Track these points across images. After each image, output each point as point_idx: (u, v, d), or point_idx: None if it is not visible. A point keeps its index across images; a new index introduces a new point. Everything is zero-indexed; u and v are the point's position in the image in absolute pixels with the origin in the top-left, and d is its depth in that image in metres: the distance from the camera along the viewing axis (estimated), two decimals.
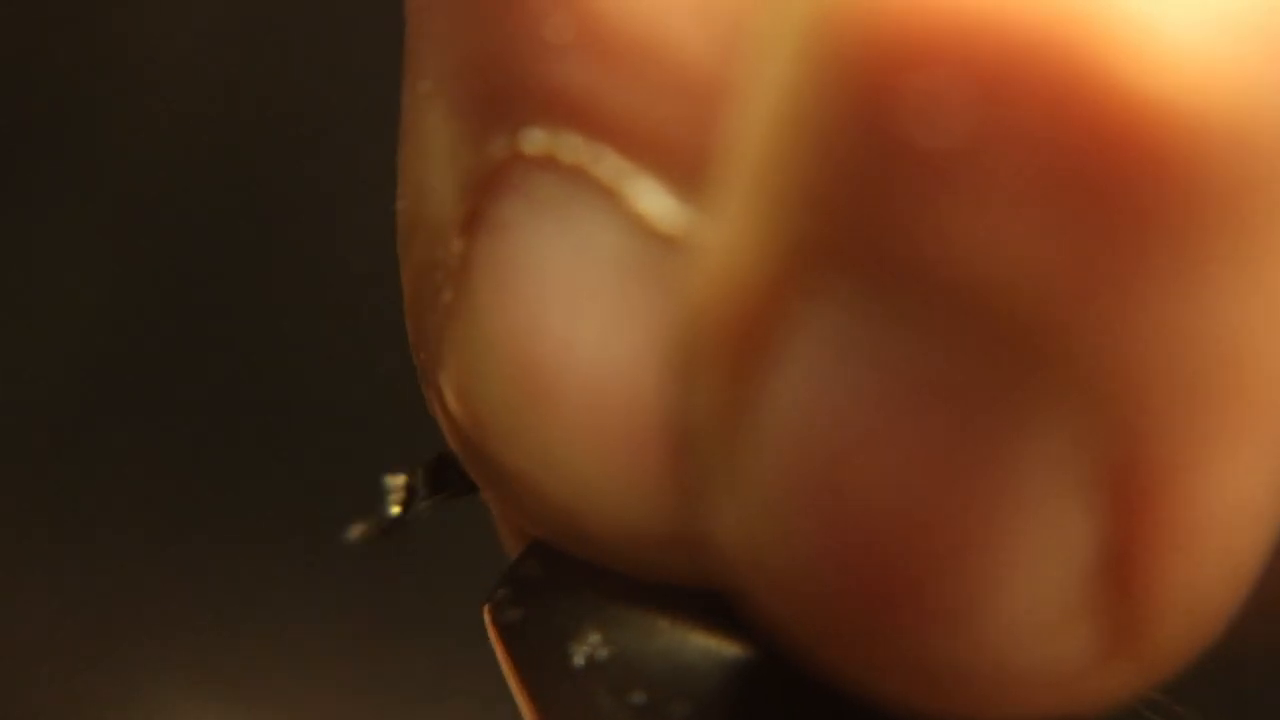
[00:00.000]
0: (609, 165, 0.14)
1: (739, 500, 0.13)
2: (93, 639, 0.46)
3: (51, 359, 0.47)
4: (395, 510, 0.18)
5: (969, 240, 0.12)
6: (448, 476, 0.17)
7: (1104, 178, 0.12)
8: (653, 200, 0.14)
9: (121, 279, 0.47)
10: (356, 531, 0.18)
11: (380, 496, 0.18)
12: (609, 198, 0.14)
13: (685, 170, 0.14)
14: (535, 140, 0.14)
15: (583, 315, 0.14)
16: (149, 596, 0.46)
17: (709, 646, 0.15)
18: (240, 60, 0.47)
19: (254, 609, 0.46)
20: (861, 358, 0.13)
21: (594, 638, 0.15)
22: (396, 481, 0.18)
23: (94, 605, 0.46)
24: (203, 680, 0.45)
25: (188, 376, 0.47)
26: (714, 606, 0.15)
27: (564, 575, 0.15)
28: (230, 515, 0.46)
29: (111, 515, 0.46)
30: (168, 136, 0.47)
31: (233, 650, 0.46)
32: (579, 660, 0.15)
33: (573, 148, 0.14)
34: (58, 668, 0.45)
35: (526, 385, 0.15)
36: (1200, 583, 0.13)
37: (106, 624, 0.46)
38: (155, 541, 0.46)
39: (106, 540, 0.46)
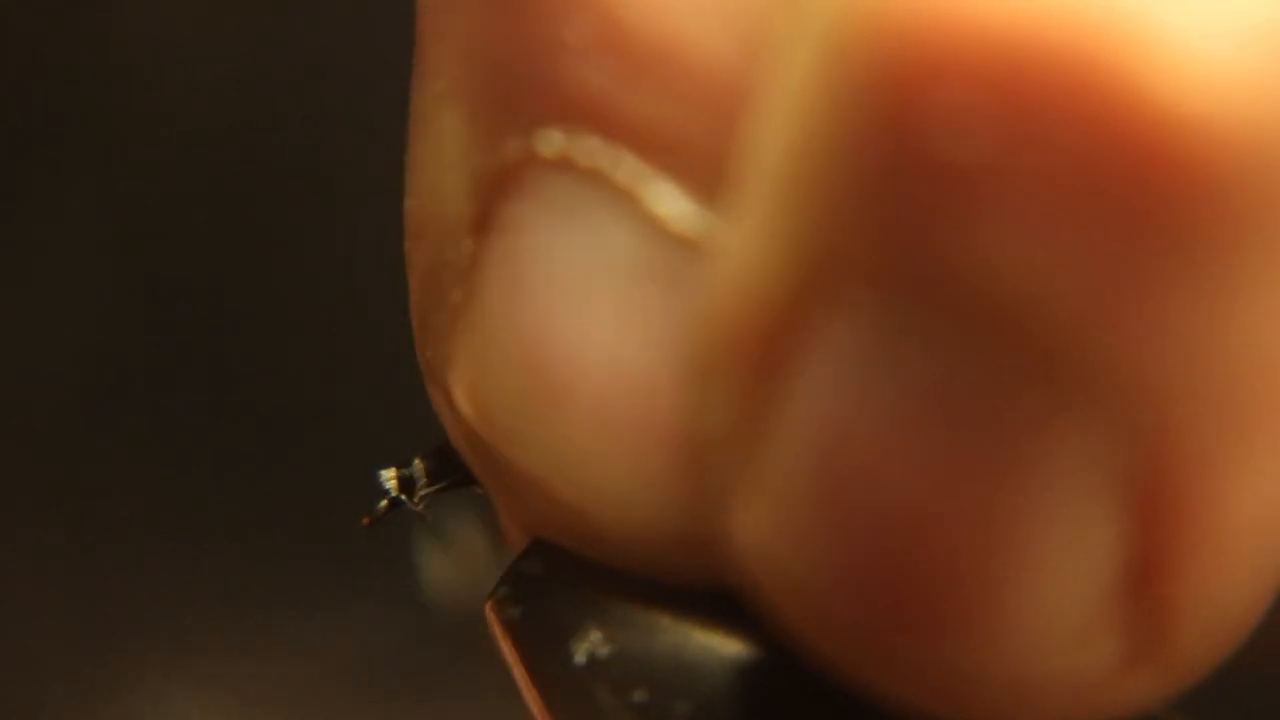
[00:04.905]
0: (627, 168, 0.14)
1: (757, 507, 0.13)
2: (93, 638, 0.46)
3: (53, 358, 0.47)
4: (391, 497, 0.18)
5: (993, 253, 0.12)
6: (448, 467, 0.17)
7: (1129, 191, 0.12)
8: (670, 203, 0.14)
9: (125, 278, 0.47)
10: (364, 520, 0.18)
11: (377, 489, 0.18)
12: (626, 200, 0.14)
13: (704, 174, 0.14)
14: (552, 142, 0.14)
15: (596, 317, 0.14)
16: (150, 596, 0.46)
17: (711, 645, 0.15)
18: (244, 59, 0.47)
19: (255, 608, 0.46)
20: (883, 370, 0.13)
21: (595, 635, 0.15)
22: (390, 474, 0.18)
23: (95, 605, 0.46)
24: (203, 679, 0.45)
25: (191, 376, 0.47)
26: (716, 605, 0.15)
27: (565, 573, 0.15)
28: (231, 515, 0.46)
29: (112, 515, 0.46)
30: (170, 135, 0.47)
31: (233, 650, 0.46)
32: (580, 658, 0.15)
33: (590, 150, 0.14)
34: (59, 667, 0.45)
35: (537, 386, 0.15)
36: (1224, 592, 0.13)
37: (107, 623, 0.46)
38: (157, 541, 0.46)
39: (108, 540, 0.46)
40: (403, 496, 0.18)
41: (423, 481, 0.18)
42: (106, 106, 0.47)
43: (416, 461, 0.18)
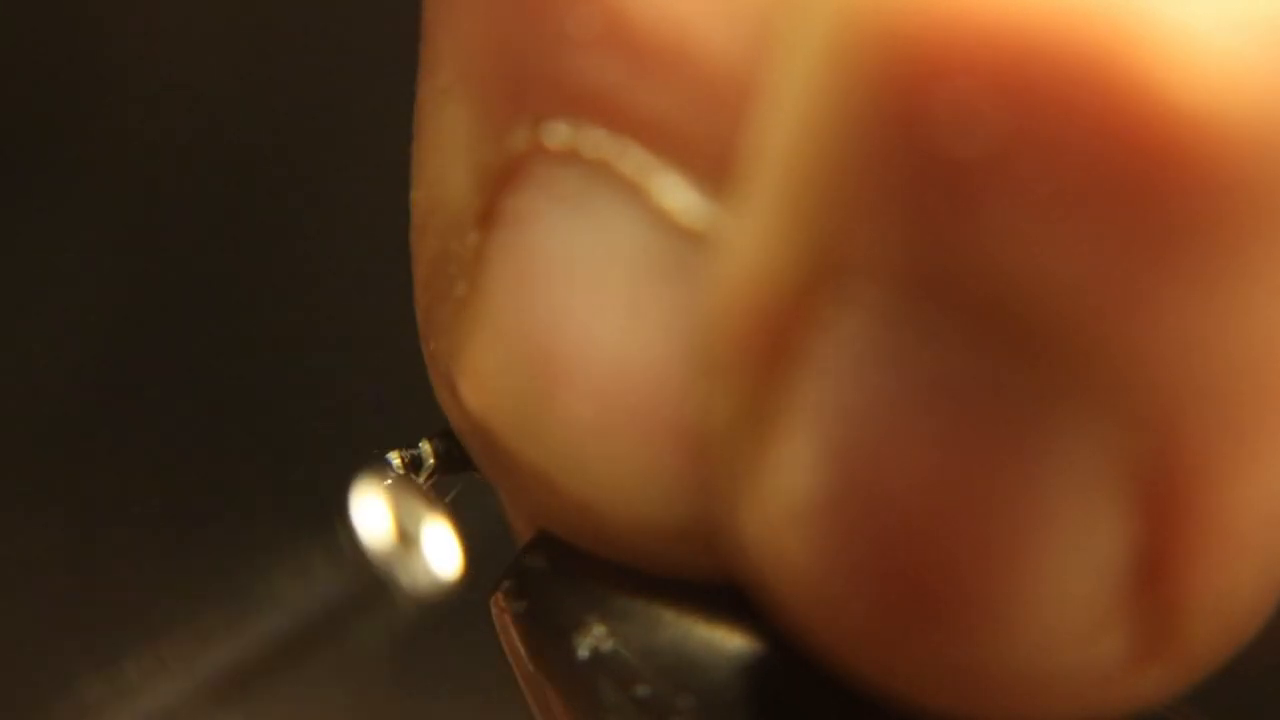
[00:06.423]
0: (633, 160, 0.14)
1: (764, 502, 0.13)
2: (91, 637, 0.46)
3: (53, 358, 0.47)
4: (397, 474, 0.18)
5: (999, 247, 0.12)
6: (452, 452, 0.17)
7: (1136, 186, 0.12)
8: (676, 195, 0.14)
9: (124, 278, 0.47)
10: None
11: (383, 468, 0.18)
12: (632, 192, 0.14)
13: (710, 166, 0.14)
14: (557, 134, 0.14)
15: (602, 309, 0.14)
16: (148, 594, 0.46)
17: (713, 640, 0.15)
18: (244, 58, 0.47)
19: (255, 606, 0.46)
20: (890, 362, 0.13)
21: (598, 630, 0.15)
22: (397, 455, 0.18)
23: (93, 603, 0.46)
24: (202, 678, 0.45)
25: (190, 375, 0.47)
26: (720, 599, 0.15)
27: (569, 567, 0.15)
28: (231, 513, 0.46)
29: (111, 513, 0.46)
30: (170, 136, 0.47)
31: (232, 648, 0.46)
32: (583, 652, 0.15)
33: (596, 142, 0.14)
34: (56, 666, 0.45)
35: (543, 378, 0.15)
36: (1234, 586, 0.13)
37: (106, 622, 0.46)
38: (155, 539, 0.46)
39: (106, 538, 0.46)
40: (411, 475, 0.18)
41: (430, 463, 0.18)
42: (106, 108, 0.47)
43: (424, 443, 0.18)
